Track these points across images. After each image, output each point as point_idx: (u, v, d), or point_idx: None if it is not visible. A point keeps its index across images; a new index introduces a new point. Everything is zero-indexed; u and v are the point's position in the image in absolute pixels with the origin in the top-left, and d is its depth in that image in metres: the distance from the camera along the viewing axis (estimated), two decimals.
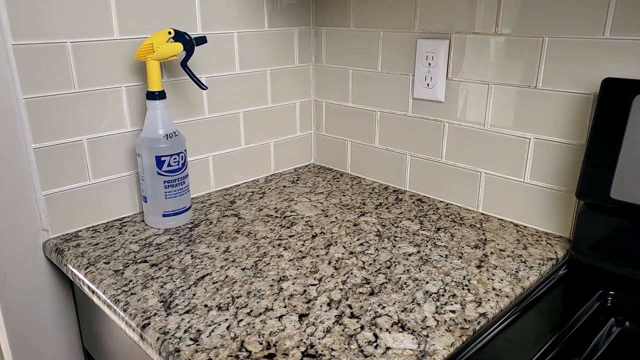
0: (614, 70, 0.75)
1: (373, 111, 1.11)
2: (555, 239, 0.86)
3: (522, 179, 0.89)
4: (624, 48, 0.73)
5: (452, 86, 0.95)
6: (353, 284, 0.72)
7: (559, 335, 0.62)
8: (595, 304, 0.69)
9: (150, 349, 0.62)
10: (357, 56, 1.10)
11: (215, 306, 0.67)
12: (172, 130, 0.87)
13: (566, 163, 0.83)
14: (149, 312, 0.65)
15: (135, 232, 0.89)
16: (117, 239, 0.86)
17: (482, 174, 0.95)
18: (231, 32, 1.01)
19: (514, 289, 0.71)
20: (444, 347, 0.59)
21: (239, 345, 0.59)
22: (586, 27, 0.76)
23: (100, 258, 0.80)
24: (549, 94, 0.83)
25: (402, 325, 0.63)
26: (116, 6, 0.85)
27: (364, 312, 0.65)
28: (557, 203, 0.86)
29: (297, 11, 1.13)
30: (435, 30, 0.95)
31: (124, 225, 0.92)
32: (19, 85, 0.77)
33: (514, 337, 0.63)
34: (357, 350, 0.58)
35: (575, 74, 0.79)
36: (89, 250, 0.82)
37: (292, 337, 0.61)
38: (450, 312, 0.66)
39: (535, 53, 0.83)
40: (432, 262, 0.78)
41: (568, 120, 0.82)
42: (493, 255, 0.81)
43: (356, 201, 1.03)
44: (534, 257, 0.80)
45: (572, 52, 0.78)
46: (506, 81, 0.87)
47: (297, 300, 0.68)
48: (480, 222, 0.93)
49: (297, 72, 1.18)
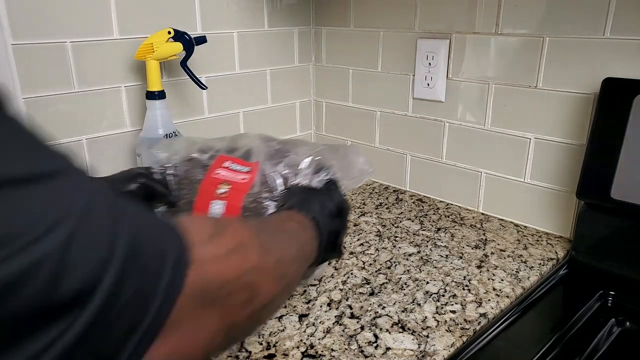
0: (615, 70, 0.74)
1: (373, 111, 1.10)
2: (556, 239, 0.86)
3: (523, 179, 0.89)
4: (625, 48, 0.73)
5: (452, 86, 0.95)
6: (353, 284, 0.72)
7: (560, 336, 0.62)
8: (596, 304, 0.69)
9: None
10: (357, 56, 1.10)
11: None
12: (172, 130, 0.87)
13: (566, 163, 0.83)
14: None
15: None
16: None
17: (482, 174, 0.95)
18: (231, 32, 1.01)
19: (514, 289, 0.71)
20: (444, 347, 0.59)
21: (238, 346, 0.59)
22: (586, 27, 0.76)
23: None
24: (549, 94, 0.83)
25: (403, 325, 0.63)
26: (116, 6, 0.84)
27: (364, 313, 0.65)
28: (557, 203, 0.86)
29: (297, 11, 1.13)
30: (436, 30, 0.95)
31: None
32: (19, 85, 0.77)
33: (515, 337, 0.63)
34: (357, 351, 0.58)
35: (576, 74, 0.79)
36: None
37: (292, 338, 0.61)
38: (450, 313, 0.65)
39: (535, 53, 0.82)
40: (433, 262, 0.78)
41: (568, 120, 0.81)
42: (493, 255, 0.80)
43: (356, 201, 1.03)
44: (534, 257, 0.80)
45: (573, 52, 0.78)
46: (506, 81, 0.87)
47: (297, 300, 0.68)
48: (480, 222, 0.93)
49: (297, 72, 1.17)
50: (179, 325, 0.28)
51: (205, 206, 0.62)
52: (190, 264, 0.28)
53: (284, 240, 0.43)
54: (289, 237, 0.45)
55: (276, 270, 0.38)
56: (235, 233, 0.35)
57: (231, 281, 0.32)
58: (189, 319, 0.28)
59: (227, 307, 0.32)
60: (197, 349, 0.31)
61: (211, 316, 0.31)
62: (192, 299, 0.28)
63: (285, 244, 0.42)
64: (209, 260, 0.30)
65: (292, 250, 0.43)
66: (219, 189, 0.62)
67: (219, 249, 0.32)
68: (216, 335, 0.32)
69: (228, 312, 0.32)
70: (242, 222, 0.40)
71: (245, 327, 0.36)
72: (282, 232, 0.45)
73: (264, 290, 0.36)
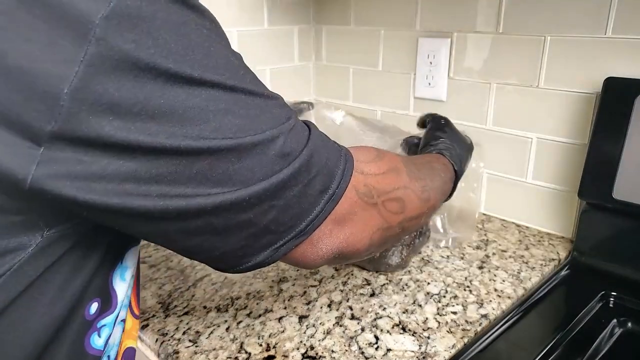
0: (616, 70, 0.74)
1: (374, 110, 1.10)
2: (558, 239, 0.86)
3: (524, 179, 0.89)
4: (626, 47, 0.73)
5: (453, 85, 0.95)
6: (354, 285, 0.71)
7: (561, 337, 0.62)
8: (598, 305, 0.69)
9: (148, 351, 0.62)
10: (358, 55, 1.10)
11: (214, 307, 0.66)
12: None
13: (568, 163, 0.83)
14: (147, 314, 0.65)
15: None
16: None
17: (483, 174, 0.94)
18: (231, 30, 1.01)
19: (515, 290, 0.71)
20: (445, 348, 0.59)
21: (238, 347, 0.59)
22: (588, 26, 0.76)
23: None
24: (551, 93, 0.82)
25: (403, 326, 0.63)
26: None
27: (364, 314, 0.65)
28: (559, 203, 0.86)
29: (297, 9, 1.13)
30: (437, 28, 0.94)
31: None
32: None
33: (516, 338, 0.62)
34: (358, 352, 0.58)
35: (577, 73, 0.78)
36: None
37: (292, 339, 0.60)
38: (451, 314, 0.65)
39: (537, 52, 0.82)
40: (434, 263, 0.78)
41: (570, 120, 0.81)
42: (495, 256, 0.80)
43: None
44: (536, 257, 0.79)
45: (574, 51, 0.78)
46: (508, 80, 0.87)
47: (297, 301, 0.68)
48: (482, 222, 0.92)
49: (297, 70, 1.17)
50: (352, 218, 0.39)
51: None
52: (356, 171, 0.40)
53: (429, 173, 0.53)
54: (433, 173, 0.54)
55: (422, 193, 0.48)
56: (392, 159, 0.46)
57: (387, 192, 0.43)
58: (359, 212, 0.40)
59: (385, 211, 0.42)
60: (363, 243, 0.41)
61: (374, 216, 0.41)
62: (358, 195, 0.39)
63: (429, 176, 0.52)
64: (371, 174, 0.41)
65: (435, 183, 0.53)
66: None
67: (379, 169, 0.43)
68: (376, 233, 0.42)
69: (385, 216, 0.43)
70: (397, 154, 0.52)
71: (396, 233, 0.46)
72: (429, 168, 0.54)
73: (411, 206, 0.46)
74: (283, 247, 0.36)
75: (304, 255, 0.38)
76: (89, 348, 0.36)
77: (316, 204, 0.36)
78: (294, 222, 0.36)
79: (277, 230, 0.35)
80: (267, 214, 0.34)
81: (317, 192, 0.36)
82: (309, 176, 0.35)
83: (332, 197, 0.37)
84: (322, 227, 0.37)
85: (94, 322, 0.36)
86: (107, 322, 0.38)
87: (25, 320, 0.31)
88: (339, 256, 0.40)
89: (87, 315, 0.35)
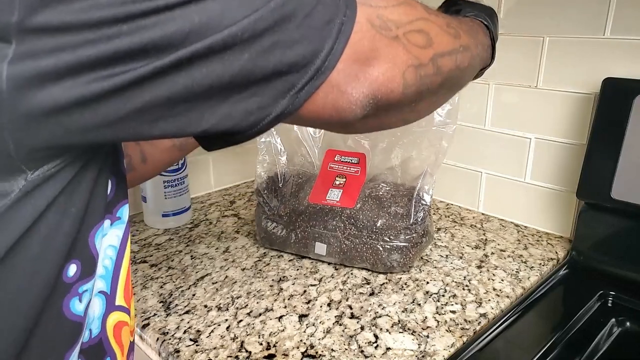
0: (615, 70, 0.74)
1: None
2: (556, 239, 0.86)
3: (523, 179, 0.89)
4: (625, 48, 0.73)
5: None
6: (353, 284, 0.72)
7: (560, 336, 0.62)
8: (596, 305, 0.69)
9: (149, 350, 0.62)
10: None
11: (215, 306, 0.67)
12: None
13: (567, 163, 0.83)
14: (148, 313, 0.65)
15: (134, 232, 0.89)
16: None
17: (482, 174, 0.95)
18: None
19: (514, 289, 0.71)
20: (444, 347, 0.59)
21: (238, 346, 0.59)
22: (587, 27, 0.76)
23: None
24: (549, 94, 0.82)
25: (403, 325, 0.63)
26: None
27: (364, 313, 0.65)
28: (557, 203, 0.86)
29: None
30: None
31: None
32: None
33: (515, 337, 0.63)
34: (357, 351, 0.58)
35: (576, 74, 0.79)
36: None
37: (292, 338, 0.61)
38: (450, 313, 0.65)
39: (535, 53, 0.82)
40: (433, 262, 0.78)
41: (569, 120, 0.81)
42: (493, 255, 0.80)
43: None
44: (534, 257, 0.80)
45: (573, 51, 0.78)
46: (507, 81, 0.87)
47: (297, 300, 0.68)
48: (480, 222, 0.93)
49: None
50: (376, 56, 0.36)
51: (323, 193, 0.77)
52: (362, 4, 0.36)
53: (454, 18, 0.47)
54: (460, 20, 0.48)
55: (448, 28, 0.43)
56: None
57: (405, 23, 0.38)
58: (382, 49, 0.36)
59: (410, 45, 0.38)
60: (396, 82, 0.37)
61: (399, 51, 0.37)
62: (375, 29, 0.36)
63: (455, 20, 0.46)
64: (381, 6, 0.37)
65: (464, 26, 0.47)
66: (335, 181, 0.77)
67: (388, 1, 0.38)
68: (408, 71, 0.38)
69: (412, 50, 0.38)
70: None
71: (433, 73, 0.41)
72: (453, 17, 0.48)
73: (438, 40, 0.41)
74: (303, 90, 0.33)
75: (336, 104, 0.35)
76: (68, 313, 0.34)
77: (328, 37, 0.33)
78: (307, 60, 0.32)
79: (289, 71, 0.32)
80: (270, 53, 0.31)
81: (324, 23, 0.33)
82: (310, 6, 0.32)
83: (343, 29, 0.34)
84: (346, 69, 0.34)
85: (74, 285, 0.34)
86: (88, 288, 0.35)
87: (5, 279, 0.30)
88: (375, 102, 0.37)
89: (64, 277, 0.33)
